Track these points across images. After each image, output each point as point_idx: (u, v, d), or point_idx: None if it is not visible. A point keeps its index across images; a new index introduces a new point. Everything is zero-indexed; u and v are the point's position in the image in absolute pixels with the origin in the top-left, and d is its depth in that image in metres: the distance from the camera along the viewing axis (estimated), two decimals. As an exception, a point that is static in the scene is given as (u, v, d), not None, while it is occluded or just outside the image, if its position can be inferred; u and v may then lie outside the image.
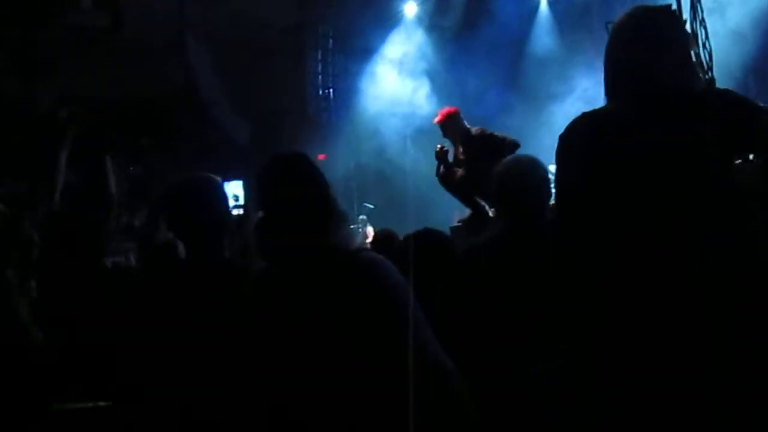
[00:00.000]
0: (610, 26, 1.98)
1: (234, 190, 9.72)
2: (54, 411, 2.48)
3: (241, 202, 9.62)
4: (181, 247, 2.61)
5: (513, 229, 2.59)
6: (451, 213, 7.46)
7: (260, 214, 2.02)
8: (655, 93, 1.82)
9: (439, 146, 6.10)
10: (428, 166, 6.64)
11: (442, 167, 6.09)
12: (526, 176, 2.57)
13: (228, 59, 10.58)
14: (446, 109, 6.12)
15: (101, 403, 2.46)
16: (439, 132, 6.12)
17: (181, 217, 2.40)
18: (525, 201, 2.53)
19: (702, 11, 1.60)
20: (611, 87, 1.95)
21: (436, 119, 6.09)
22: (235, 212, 9.94)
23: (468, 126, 6.03)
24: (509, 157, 2.79)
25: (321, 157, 9.90)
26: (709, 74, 1.63)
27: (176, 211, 2.42)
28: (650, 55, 1.86)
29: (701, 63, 1.64)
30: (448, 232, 6.10)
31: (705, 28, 1.60)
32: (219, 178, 2.54)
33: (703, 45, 1.61)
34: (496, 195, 2.70)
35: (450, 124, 5.99)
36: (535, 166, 2.61)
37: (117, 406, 2.34)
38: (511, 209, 2.62)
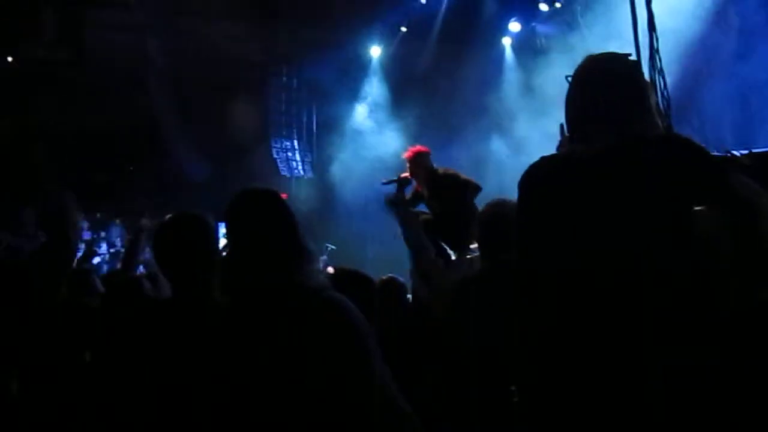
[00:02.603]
0: (569, 78, 2.03)
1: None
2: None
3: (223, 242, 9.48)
4: (164, 285, 2.56)
5: (493, 270, 2.63)
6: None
7: (226, 249, 2.01)
8: (615, 138, 1.86)
9: (405, 173, 6.14)
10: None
11: (396, 193, 6.09)
12: (506, 218, 2.60)
13: (189, 96, 10.57)
14: (417, 147, 6.20)
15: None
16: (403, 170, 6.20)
17: (166, 254, 2.37)
18: (507, 244, 2.56)
19: (660, 61, 1.67)
20: (571, 131, 1.99)
21: (406, 154, 6.16)
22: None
23: (435, 166, 6.11)
24: (494, 200, 2.83)
25: (283, 196, 9.86)
26: (667, 121, 1.69)
27: (163, 248, 2.39)
28: (610, 100, 1.90)
29: (660, 110, 1.70)
30: (408, 275, 6.12)
31: (663, 77, 1.67)
32: (211, 218, 2.52)
33: (662, 93, 1.68)
34: (479, 238, 2.75)
35: (419, 162, 6.06)
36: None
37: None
38: (492, 252, 2.67)
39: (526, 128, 9.79)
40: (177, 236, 2.36)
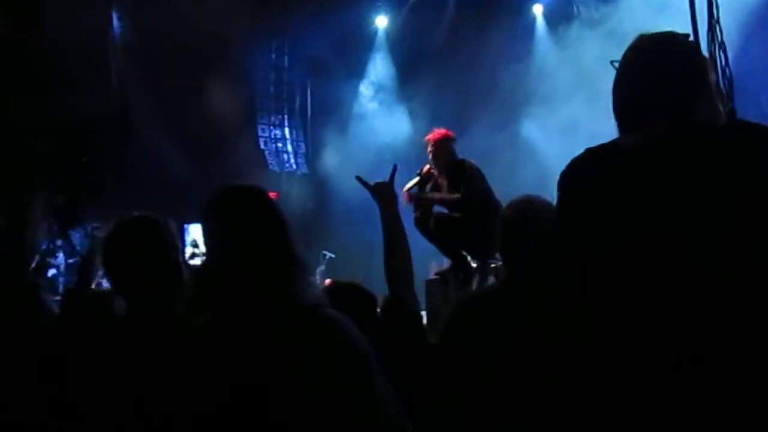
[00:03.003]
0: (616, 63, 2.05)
1: (195, 234, 9.62)
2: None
3: (203, 248, 9.49)
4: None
5: (515, 281, 2.62)
6: (425, 263, 7.48)
7: (205, 257, 2.00)
8: (671, 128, 1.87)
9: (427, 166, 6.21)
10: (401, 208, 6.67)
11: (419, 210, 6.13)
12: (536, 220, 2.59)
13: (162, 79, 10.58)
14: (443, 130, 6.26)
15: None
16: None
17: (118, 266, 2.37)
18: (531, 249, 2.55)
19: (721, 33, 1.65)
20: (620, 121, 2.01)
21: (431, 135, 6.20)
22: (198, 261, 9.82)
23: (458, 157, 6.14)
24: (518, 198, 2.82)
25: (272, 195, 9.86)
26: (730, 104, 1.68)
27: (113, 258, 2.39)
28: (664, 84, 1.91)
29: (721, 91, 1.69)
30: (423, 288, 6.12)
31: (725, 51, 1.65)
32: (170, 220, 2.51)
33: (723, 71, 1.66)
34: (500, 241, 2.74)
35: (444, 146, 6.12)
36: (549, 210, 2.64)
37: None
38: (514, 258, 2.66)
39: (562, 109, 9.78)
40: (128, 243, 2.36)
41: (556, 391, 1.96)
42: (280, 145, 12.56)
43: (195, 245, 9.43)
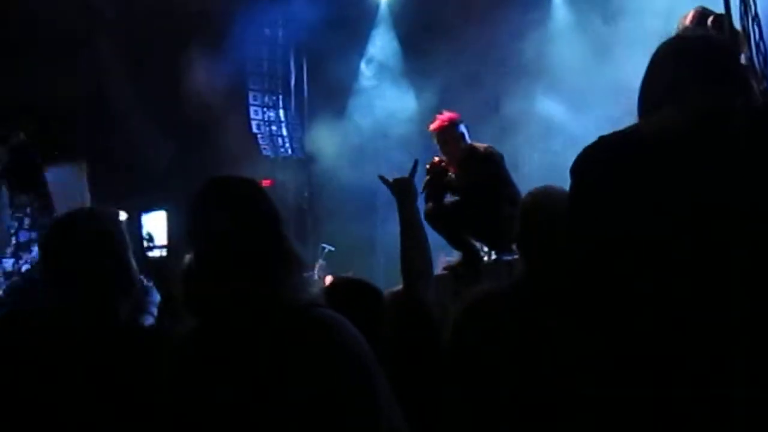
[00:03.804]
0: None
1: (151, 225, 9.54)
2: None
3: (162, 241, 9.43)
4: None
5: (534, 276, 2.64)
6: (435, 256, 7.48)
7: (189, 256, 2.01)
8: (695, 110, 1.87)
9: (437, 158, 6.09)
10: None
11: (430, 203, 6.05)
12: (553, 212, 2.58)
13: (146, 58, 10.56)
14: (446, 114, 6.14)
15: None
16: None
17: (54, 267, 2.39)
18: (547, 242, 2.56)
19: (755, 5, 1.66)
20: (648, 102, 2.03)
21: (433, 125, 6.11)
22: (154, 254, 9.74)
23: (470, 142, 6.05)
24: (539, 188, 2.83)
25: (266, 182, 9.87)
26: (765, 83, 1.68)
27: (49, 258, 2.40)
28: (698, 67, 1.94)
29: (754, 68, 1.69)
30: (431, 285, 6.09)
31: (759, 25, 1.66)
32: (117, 211, 2.52)
33: (757, 46, 1.66)
34: (518, 233, 2.78)
35: (451, 133, 6.01)
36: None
37: None
38: (533, 252, 2.68)
39: (581, 83, 9.77)
40: (64, 243, 2.37)
41: (578, 394, 1.98)
42: (274, 128, 12.50)
43: (149, 238, 9.28)
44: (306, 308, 1.95)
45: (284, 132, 12.57)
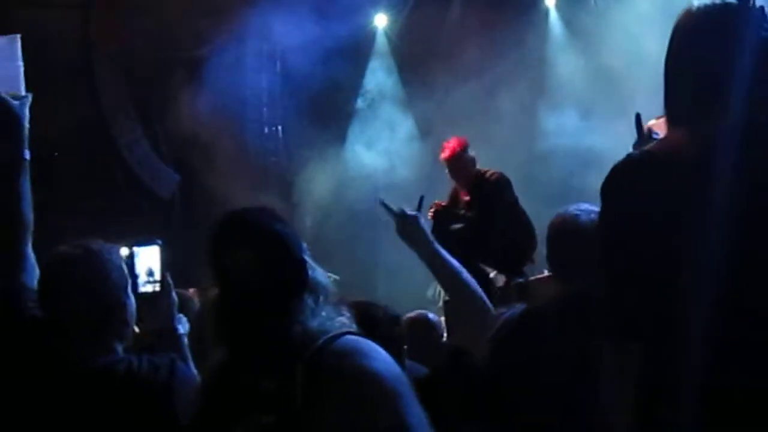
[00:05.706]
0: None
1: (148, 261, 9.47)
2: None
3: (157, 276, 9.34)
4: None
5: (566, 299, 2.62)
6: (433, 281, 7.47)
7: (214, 291, 2.00)
8: (730, 126, 1.84)
9: (437, 202, 6.10)
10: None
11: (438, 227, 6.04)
12: (585, 232, 2.57)
13: (147, 87, 10.56)
14: (454, 142, 6.15)
15: None
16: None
17: (49, 305, 2.36)
18: (583, 263, 2.53)
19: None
20: (682, 110, 1.99)
21: (444, 154, 6.11)
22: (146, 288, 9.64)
23: (478, 167, 6.06)
24: (567, 208, 2.81)
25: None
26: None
27: (45, 296, 2.38)
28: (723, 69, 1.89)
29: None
30: (439, 312, 6.06)
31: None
32: (114, 247, 2.51)
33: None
34: (548, 256, 2.80)
35: (462, 160, 6.02)
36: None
37: None
38: (565, 273, 2.69)
39: (580, 103, 9.82)
40: (58, 280, 2.36)
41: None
42: (273, 159, 12.52)
43: (150, 274, 9.21)
44: (337, 337, 1.94)
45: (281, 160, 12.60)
